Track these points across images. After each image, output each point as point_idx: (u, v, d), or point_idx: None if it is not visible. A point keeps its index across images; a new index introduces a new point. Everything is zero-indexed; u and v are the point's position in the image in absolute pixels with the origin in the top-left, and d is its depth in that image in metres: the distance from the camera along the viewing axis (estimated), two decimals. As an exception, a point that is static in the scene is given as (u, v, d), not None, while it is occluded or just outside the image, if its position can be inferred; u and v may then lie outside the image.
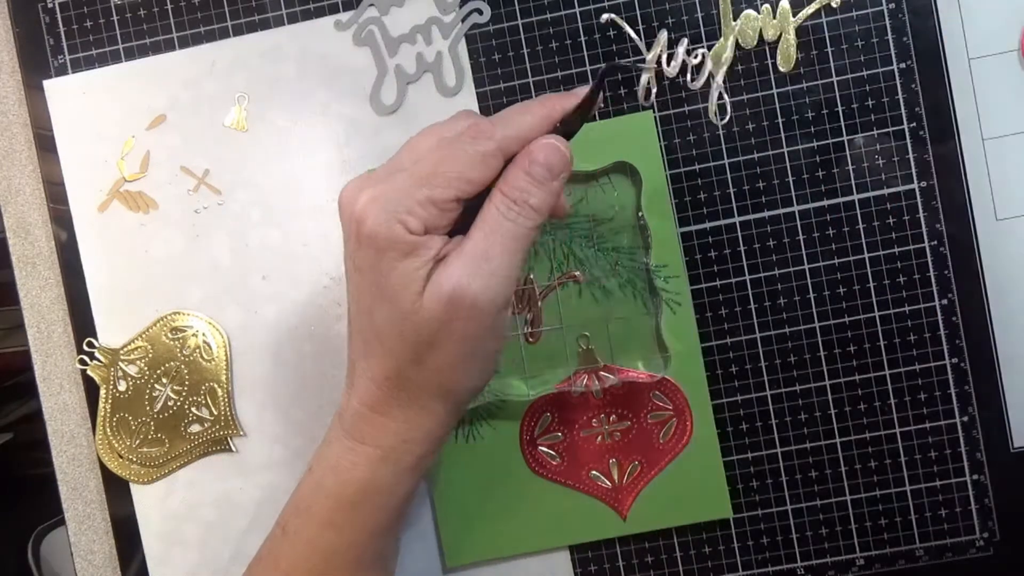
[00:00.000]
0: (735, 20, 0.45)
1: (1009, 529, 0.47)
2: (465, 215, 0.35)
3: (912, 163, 0.46)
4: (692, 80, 0.43)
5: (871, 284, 0.46)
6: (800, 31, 0.46)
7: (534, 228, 0.35)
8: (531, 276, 0.47)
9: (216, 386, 0.48)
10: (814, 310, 0.47)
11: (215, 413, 0.48)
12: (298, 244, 0.48)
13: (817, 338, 0.47)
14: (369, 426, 0.37)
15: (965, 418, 0.46)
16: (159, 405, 0.49)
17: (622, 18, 0.46)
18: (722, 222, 0.47)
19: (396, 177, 0.34)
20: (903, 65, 0.46)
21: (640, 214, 0.46)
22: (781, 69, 0.45)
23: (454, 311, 0.33)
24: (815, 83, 0.46)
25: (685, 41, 0.43)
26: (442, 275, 0.34)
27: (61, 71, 0.49)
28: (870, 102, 0.46)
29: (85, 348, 0.49)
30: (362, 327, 0.36)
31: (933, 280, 0.46)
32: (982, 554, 0.47)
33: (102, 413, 0.49)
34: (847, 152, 0.46)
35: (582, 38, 0.47)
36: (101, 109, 0.49)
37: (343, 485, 0.37)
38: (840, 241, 0.46)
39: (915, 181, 0.46)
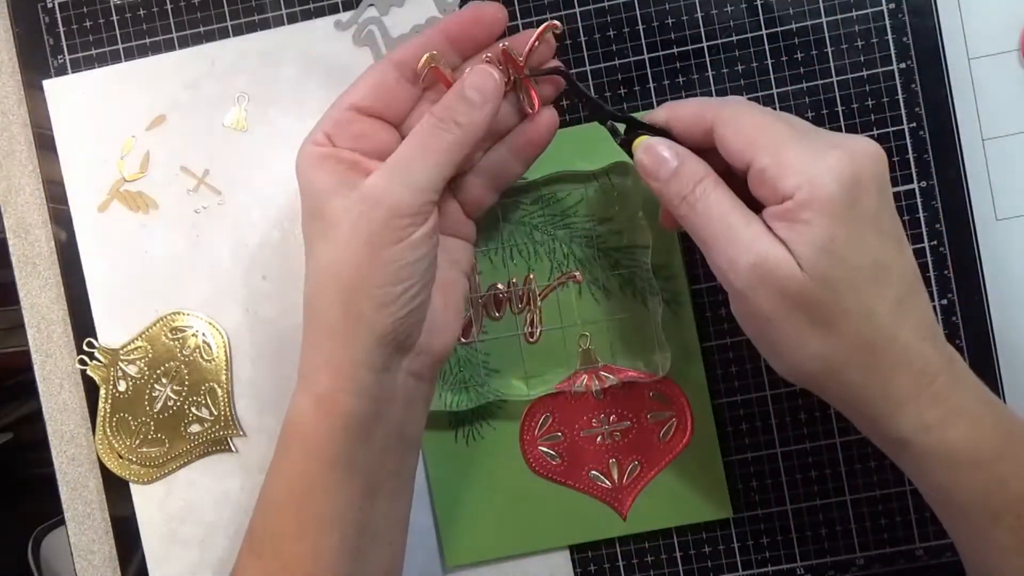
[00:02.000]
0: None
1: (1009, 529, 0.47)
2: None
3: (912, 163, 0.46)
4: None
5: (871, 284, 0.46)
6: (800, 31, 0.46)
7: (458, 143, 0.36)
8: (531, 276, 0.47)
9: (216, 386, 0.48)
10: (814, 310, 0.47)
11: (215, 413, 0.49)
12: (298, 244, 0.48)
13: (817, 338, 0.47)
14: (300, 360, 0.38)
15: (965, 418, 0.46)
16: (159, 405, 0.49)
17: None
18: (722, 222, 0.47)
19: None
20: (903, 65, 0.46)
21: (640, 214, 0.46)
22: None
23: (364, 208, 0.35)
24: (815, 83, 0.46)
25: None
26: (365, 181, 0.36)
27: (61, 71, 0.49)
28: (870, 102, 0.46)
29: (85, 348, 0.49)
30: (306, 264, 0.38)
31: (933, 280, 0.46)
32: (982, 554, 0.47)
33: (102, 413, 0.49)
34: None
35: (582, 38, 0.47)
36: (101, 109, 0.49)
37: (287, 421, 0.38)
38: (840, 241, 0.46)
39: (915, 181, 0.46)
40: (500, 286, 0.47)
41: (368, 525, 0.38)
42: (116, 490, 0.49)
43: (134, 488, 0.49)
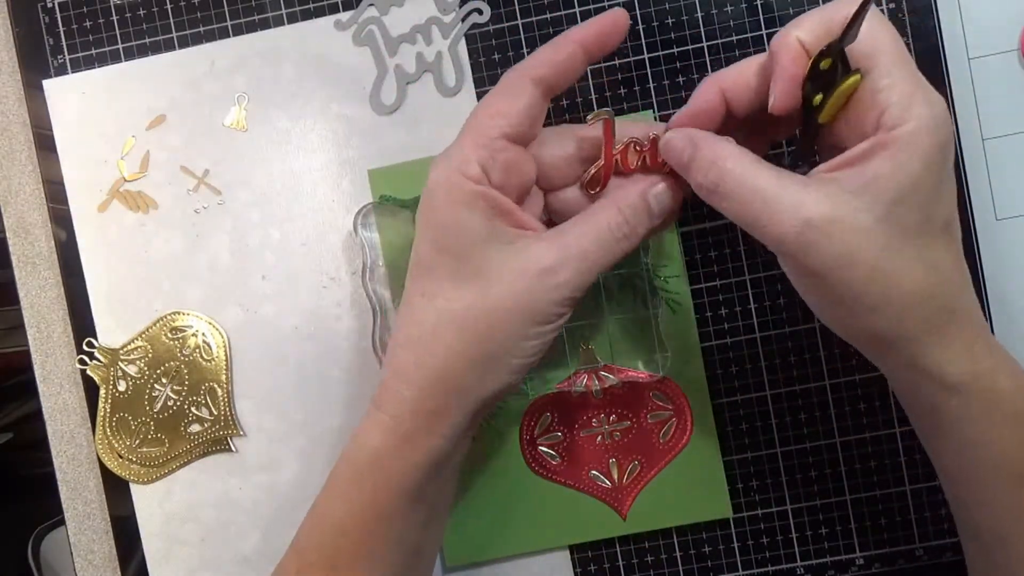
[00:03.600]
0: None
1: (1009, 529, 0.47)
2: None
3: (912, 163, 0.46)
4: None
5: (871, 284, 0.46)
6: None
7: (628, 252, 0.36)
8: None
9: (216, 386, 0.48)
10: (814, 310, 0.47)
11: (215, 413, 0.49)
12: (298, 244, 0.48)
13: (817, 339, 0.47)
14: (387, 392, 0.36)
15: (965, 418, 0.46)
16: (159, 405, 0.49)
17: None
18: (722, 221, 0.47)
19: (450, 145, 0.36)
20: (903, 65, 0.46)
21: (640, 214, 0.46)
22: None
23: (543, 285, 0.34)
24: (815, 83, 0.46)
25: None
26: (534, 246, 0.34)
27: (61, 71, 0.49)
28: (870, 102, 0.46)
29: (85, 348, 0.49)
30: (413, 291, 0.36)
31: (933, 280, 0.46)
32: (982, 554, 0.47)
33: (102, 413, 0.49)
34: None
35: (582, 38, 0.47)
36: (101, 109, 0.49)
37: (358, 450, 0.37)
38: (840, 241, 0.46)
39: (915, 181, 0.46)
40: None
41: (422, 547, 0.39)
42: (116, 490, 0.49)
43: (134, 488, 0.49)
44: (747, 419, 0.47)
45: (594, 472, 0.47)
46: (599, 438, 0.47)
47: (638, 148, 0.39)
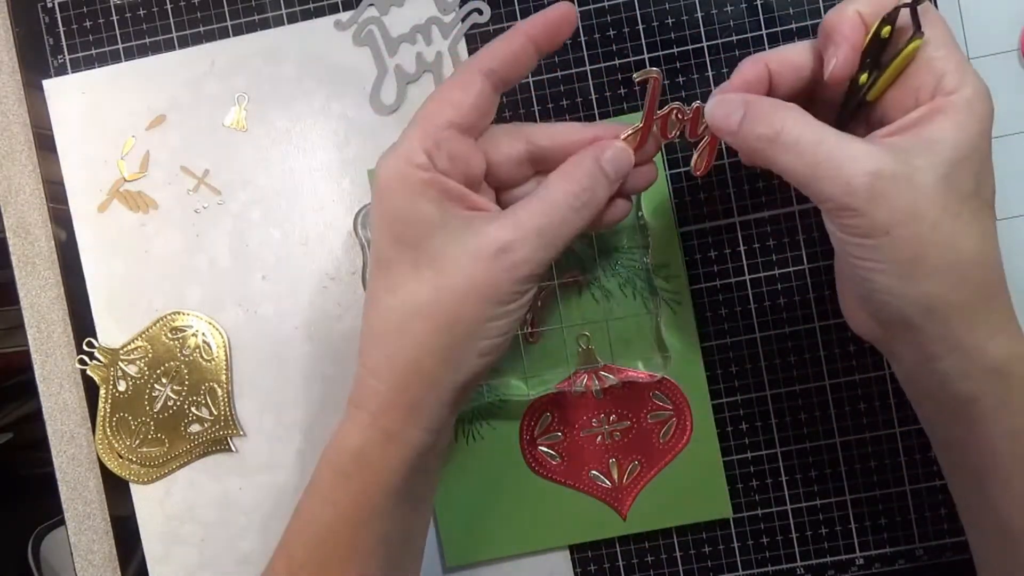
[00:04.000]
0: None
1: (1009, 529, 0.47)
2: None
3: (912, 163, 0.46)
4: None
5: (871, 284, 0.46)
6: (800, 31, 0.46)
7: (589, 220, 0.36)
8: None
9: (216, 386, 0.48)
10: (814, 310, 0.47)
11: (215, 413, 0.49)
12: (298, 244, 0.48)
13: (817, 338, 0.47)
14: (362, 388, 0.36)
15: (965, 418, 0.46)
16: (159, 405, 0.49)
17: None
18: (722, 222, 0.47)
19: (400, 137, 0.36)
20: (903, 65, 0.46)
21: (640, 214, 0.46)
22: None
23: (499, 265, 0.33)
24: (815, 83, 0.46)
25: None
26: (489, 226, 0.34)
27: (61, 71, 0.49)
28: (870, 102, 0.46)
29: (85, 348, 0.49)
30: (375, 286, 0.36)
31: (933, 280, 0.46)
32: (982, 554, 0.47)
33: (102, 413, 0.49)
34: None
35: (582, 38, 0.47)
36: (101, 109, 0.49)
37: (338, 452, 0.37)
38: (840, 241, 0.46)
39: (915, 181, 0.46)
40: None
41: (409, 539, 0.39)
42: (116, 490, 0.49)
43: (134, 488, 0.49)
44: (747, 419, 0.47)
45: (594, 472, 0.47)
46: (599, 438, 0.47)
47: (679, 116, 0.38)
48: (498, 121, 0.47)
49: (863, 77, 0.35)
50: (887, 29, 0.34)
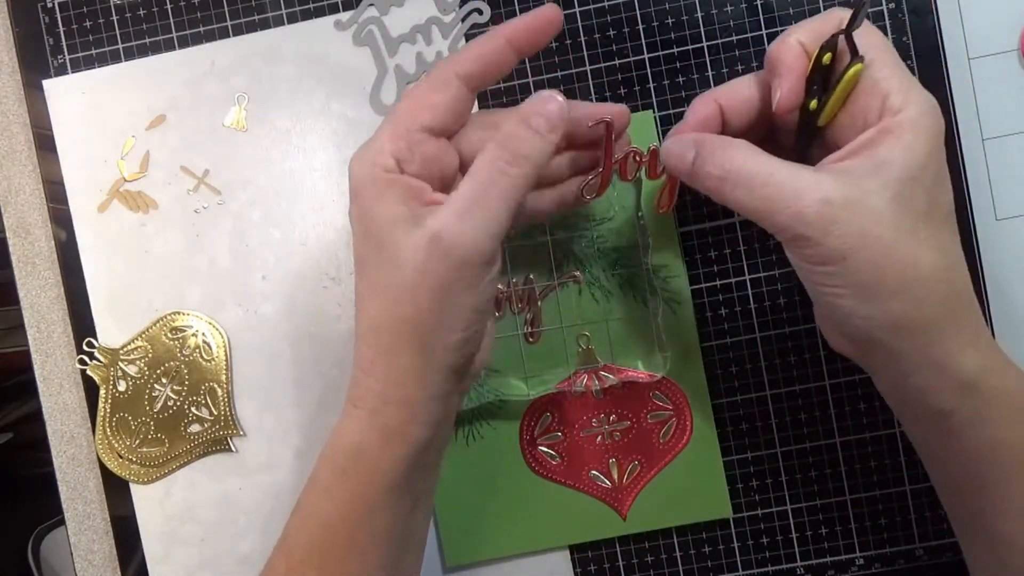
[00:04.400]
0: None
1: (1009, 529, 0.47)
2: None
3: (912, 163, 0.46)
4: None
5: (871, 284, 0.46)
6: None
7: (525, 180, 0.35)
8: (531, 276, 0.47)
9: (216, 386, 0.48)
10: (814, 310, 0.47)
11: (215, 413, 0.49)
12: (298, 244, 0.48)
13: (817, 338, 0.47)
14: (358, 387, 0.36)
15: (965, 418, 0.46)
16: (159, 405, 0.49)
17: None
18: (722, 222, 0.47)
19: (373, 134, 0.36)
20: (903, 65, 0.46)
21: (640, 214, 0.46)
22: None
23: (434, 254, 0.33)
24: (815, 83, 0.46)
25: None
26: (428, 218, 0.34)
27: (61, 71, 0.49)
28: (870, 102, 0.46)
29: (85, 348, 0.49)
30: (358, 286, 0.36)
31: (933, 280, 0.46)
32: (982, 554, 0.47)
33: (102, 413, 0.49)
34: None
35: (582, 38, 0.47)
36: (101, 109, 0.49)
37: (336, 450, 0.37)
38: (840, 241, 0.46)
39: (915, 181, 0.46)
40: (500, 286, 0.47)
41: (409, 536, 0.39)
42: (116, 490, 0.49)
43: (134, 488, 0.49)
44: (747, 419, 0.47)
45: (594, 472, 0.47)
46: (599, 438, 0.47)
47: (637, 159, 0.39)
48: (498, 121, 0.47)
49: (812, 103, 0.36)
50: (828, 56, 0.35)
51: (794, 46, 0.36)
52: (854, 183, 0.33)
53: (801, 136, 0.37)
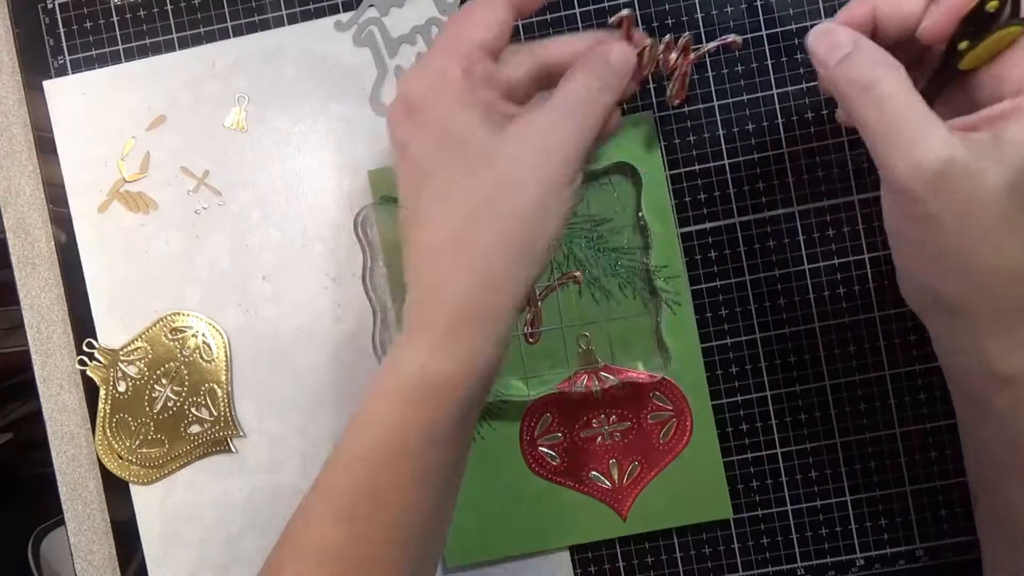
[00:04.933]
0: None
1: (1009, 529, 0.47)
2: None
3: (912, 163, 0.46)
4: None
5: (871, 284, 0.46)
6: (800, 31, 0.46)
7: (604, 110, 0.36)
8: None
9: (216, 387, 0.48)
10: (814, 310, 0.47)
11: (215, 414, 0.49)
12: (298, 244, 0.48)
13: (817, 338, 0.47)
14: (420, 315, 0.35)
15: (965, 418, 0.46)
16: (159, 406, 0.49)
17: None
18: (722, 222, 0.47)
19: (423, 59, 0.36)
20: (903, 65, 0.46)
21: (640, 214, 0.46)
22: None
23: (542, 152, 0.34)
24: (815, 83, 0.46)
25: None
26: (531, 115, 0.34)
27: (61, 72, 0.49)
28: (870, 102, 0.46)
29: (85, 349, 0.49)
30: (424, 204, 0.35)
31: (933, 280, 0.46)
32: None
33: (102, 414, 0.49)
34: (847, 152, 0.46)
35: (582, 38, 0.47)
36: (101, 109, 0.49)
37: (398, 384, 0.34)
38: (840, 241, 0.46)
39: (915, 181, 0.46)
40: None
41: (443, 506, 0.37)
42: (116, 491, 0.49)
43: (134, 489, 0.49)
44: (747, 419, 0.47)
45: (594, 473, 0.47)
46: (599, 439, 0.47)
47: (653, 51, 0.39)
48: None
49: (963, 44, 0.33)
50: (994, 3, 0.32)
51: None
52: (977, 154, 0.31)
53: (938, 74, 0.35)
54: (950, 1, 0.34)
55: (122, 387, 0.49)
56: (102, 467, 0.49)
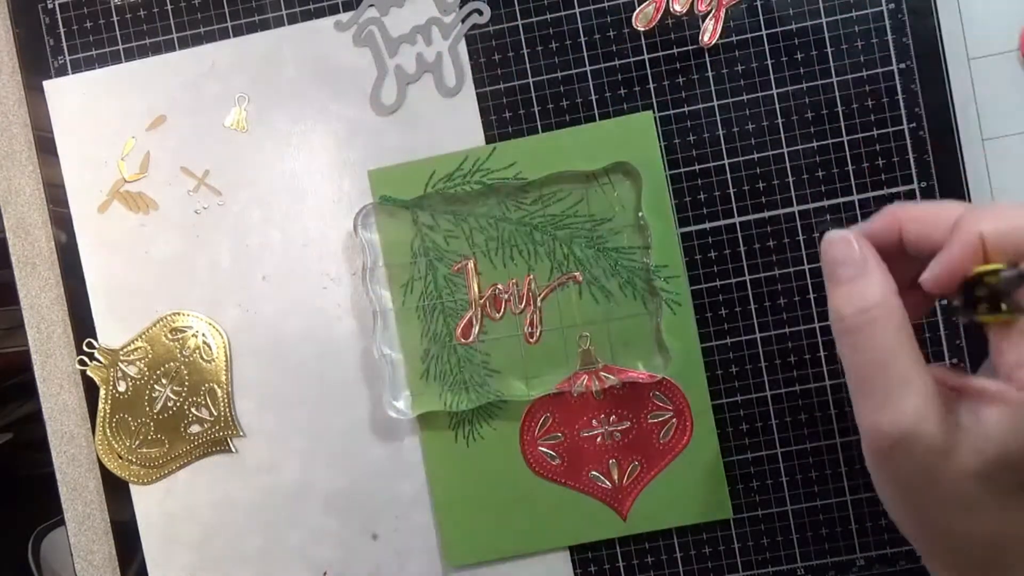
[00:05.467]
0: None
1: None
2: None
3: (912, 163, 0.46)
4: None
5: (871, 284, 0.46)
6: (800, 31, 0.46)
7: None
8: (531, 276, 0.47)
9: (216, 387, 0.48)
10: (814, 310, 0.47)
11: (215, 414, 0.49)
12: (298, 244, 0.48)
13: (817, 338, 0.47)
14: None
15: (965, 418, 0.46)
16: (159, 406, 0.49)
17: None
18: (722, 222, 0.47)
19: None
20: (903, 65, 0.46)
21: (640, 214, 0.46)
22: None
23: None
24: (815, 83, 0.46)
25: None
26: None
27: (61, 72, 0.49)
28: (870, 102, 0.46)
29: (85, 348, 0.49)
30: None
31: (933, 280, 0.46)
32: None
33: (102, 414, 0.49)
34: (847, 152, 0.46)
35: (582, 38, 0.47)
36: (101, 109, 0.49)
37: None
38: (840, 241, 0.46)
39: (915, 181, 0.46)
40: (500, 286, 0.47)
41: None
42: (116, 491, 0.49)
43: (134, 489, 0.49)
44: (747, 419, 0.47)
45: (594, 473, 0.47)
46: (599, 439, 0.47)
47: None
48: (499, 118, 0.47)
49: (980, 291, 0.30)
50: (994, 277, 0.29)
51: (971, 239, 0.29)
52: (948, 431, 0.29)
53: (966, 299, 0.31)
54: (950, 263, 0.30)
55: (122, 387, 0.49)
56: (102, 467, 0.49)
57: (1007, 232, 0.29)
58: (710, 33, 0.45)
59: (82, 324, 0.49)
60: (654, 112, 0.47)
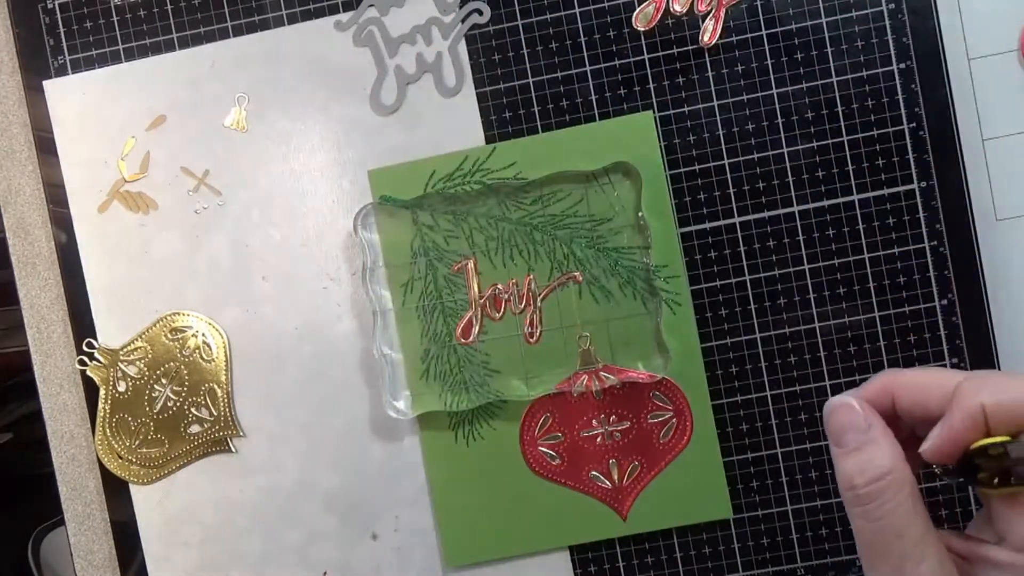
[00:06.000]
0: None
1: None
2: None
3: (912, 163, 0.46)
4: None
5: (871, 284, 0.46)
6: (800, 31, 0.46)
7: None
8: (531, 276, 0.47)
9: (216, 387, 0.48)
10: (814, 310, 0.47)
11: (215, 414, 0.49)
12: (298, 244, 0.48)
13: (817, 338, 0.47)
14: None
15: (965, 418, 0.46)
16: (159, 406, 0.49)
17: None
18: (722, 222, 0.47)
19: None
20: (903, 65, 0.46)
21: (640, 214, 0.46)
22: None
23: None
24: (815, 83, 0.46)
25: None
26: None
27: (61, 72, 0.49)
28: (870, 102, 0.46)
29: (85, 348, 0.49)
30: None
31: (933, 280, 0.46)
32: (982, 554, 0.47)
33: (102, 413, 0.49)
34: (847, 152, 0.46)
35: (582, 38, 0.47)
36: (101, 109, 0.49)
37: None
38: (840, 241, 0.46)
39: (915, 181, 0.46)
40: (500, 286, 0.47)
41: None
42: (116, 491, 0.49)
43: (134, 489, 0.49)
44: (747, 419, 0.47)
45: (594, 473, 0.47)
46: (599, 438, 0.47)
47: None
48: (499, 118, 0.47)
49: (980, 461, 0.30)
50: (997, 450, 0.29)
51: (973, 410, 0.29)
52: None
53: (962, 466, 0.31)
54: (951, 433, 0.30)
55: (122, 387, 0.49)
56: (102, 467, 0.49)
57: (1008, 403, 0.29)
58: (710, 33, 0.45)
59: (82, 324, 0.49)
60: (654, 112, 0.47)
